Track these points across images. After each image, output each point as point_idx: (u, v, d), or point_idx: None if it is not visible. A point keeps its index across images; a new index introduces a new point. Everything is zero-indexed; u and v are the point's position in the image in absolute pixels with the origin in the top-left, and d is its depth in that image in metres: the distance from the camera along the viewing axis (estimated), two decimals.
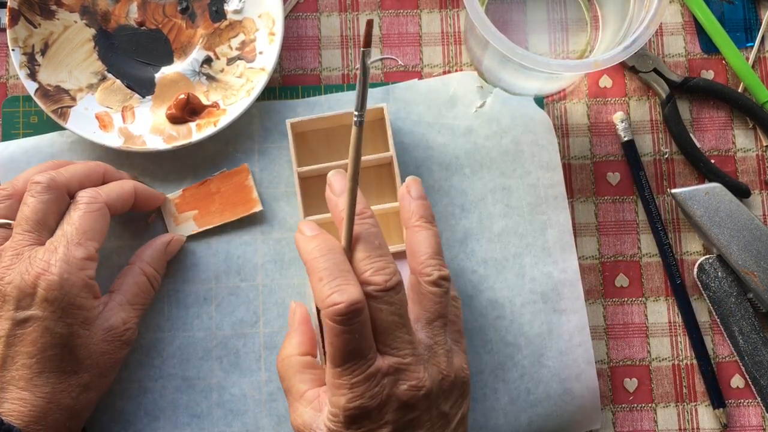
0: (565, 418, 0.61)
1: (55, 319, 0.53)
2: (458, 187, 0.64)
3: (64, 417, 0.53)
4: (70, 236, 0.54)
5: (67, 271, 0.53)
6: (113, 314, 0.56)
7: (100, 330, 0.55)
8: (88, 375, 0.54)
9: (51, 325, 0.52)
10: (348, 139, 0.63)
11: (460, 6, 0.67)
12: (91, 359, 0.54)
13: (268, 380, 0.61)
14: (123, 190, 0.58)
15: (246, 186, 0.63)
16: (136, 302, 0.58)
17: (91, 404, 0.56)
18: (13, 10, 0.62)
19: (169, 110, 0.63)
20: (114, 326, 0.56)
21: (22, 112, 0.65)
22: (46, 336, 0.52)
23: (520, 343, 0.62)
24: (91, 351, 0.54)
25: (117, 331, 0.56)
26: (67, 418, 0.53)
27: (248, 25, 0.64)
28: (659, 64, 0.66)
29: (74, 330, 0.53)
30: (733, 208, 0.63)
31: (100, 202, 0.56)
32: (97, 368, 0.55)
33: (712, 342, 0.64)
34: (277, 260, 0.63)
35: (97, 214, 0.55)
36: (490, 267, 0.63)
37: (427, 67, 0.66)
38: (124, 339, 0.56)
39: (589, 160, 0.66)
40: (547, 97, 0.66)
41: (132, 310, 0.57)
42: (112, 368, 0.56)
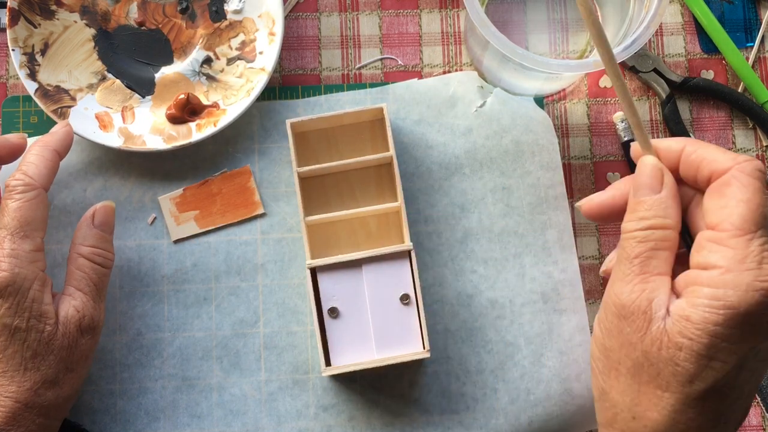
0: (565, 418, 0.61)
1: (11, 315, 0.52)
2: (458, 186, 0.64)
3: (34, 415, 0.52)
4: (14, 229, 0.52)
5: (18, 266, 0.52)
6: (64, 304, 0.54)
7: (57, 323, 0.53)
8: (52, 371, 0.53)
9: (8, 322, 0.52)
10: (348, 141, 0.63)
11: (460, 6, 0.67)
12: (54, 354, 0.53)
13: (268, 380, 0.61)
14: (46, 159, 0.56)
15: (248, 188, 0.63)
16: (84, 287, 0.56)
17: (64, 401, 0.54)
18: (13, 10, 0.62)
19: (169, 110, 0.63)
20: (68, 316, 0.54)
21: (22, 112, 0.65)
22: (4, 333, 0.52)
23: (520, 343, 0.62)
24: (52, 346, 0.53)
25: (72, 320, 0.54)
26: (38, 415, 0.52)
27: (248, 25, 0.64)
28: (659, 64, 0.66)
29: (32, 325, 0.52)
30: None
31: (36, 188, 0.54)
32: (61, 363, 0.53)
33: None
34: (277, 260, 0.63)
35: (35, 202, 0.53)
36: (490, 267, 0.63)
37: (427, 67, 0.66)
38: (83, 327, 0.54)
39: (589, 160, 0.66)
40: (547, 97, 0.66)
41: (83, 296, 0.55)
42: (80, 361, 0.55)
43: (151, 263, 0.62)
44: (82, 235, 0.57)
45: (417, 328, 0.58)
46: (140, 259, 0.62)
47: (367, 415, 0.61)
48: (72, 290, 0.55)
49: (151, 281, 0.62)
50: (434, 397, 0.61)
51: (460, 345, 0.62)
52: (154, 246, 0.63)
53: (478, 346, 0.62)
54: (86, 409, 0.61)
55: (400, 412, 0.61)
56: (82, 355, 0.55)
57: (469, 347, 0.62)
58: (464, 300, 0.62)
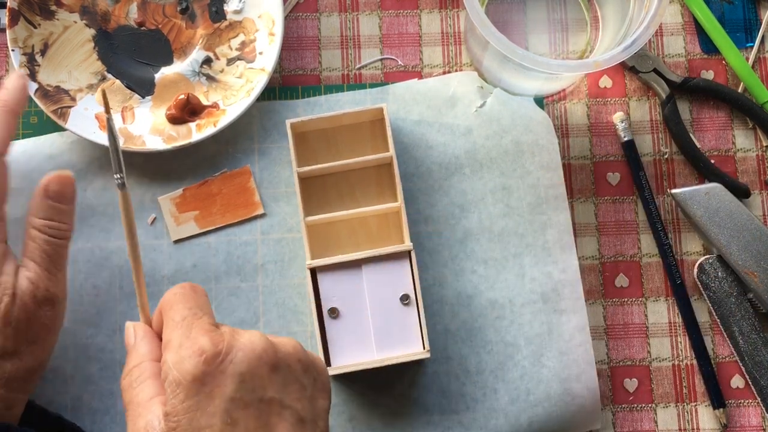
0: (565, 418, 0.61)
1: None
2: (458, 187, 0.64)
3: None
4: None
5: None
6: (20, 276, 0.53)
7: (15, 296, 0.53)
8: (10, 342, 0.52)
9: None
10: (348, 141, 0.63)
11: (460, 6, 0.67)
12: (11, 326, 0.52)
13: None
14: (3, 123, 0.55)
15: (248, 188, 0.63)
16: (37, 258, 0.54)
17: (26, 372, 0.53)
18: (13, 10, 0.62)
19: (169, 110, 0.63)
20: (23, 288, 0.53)
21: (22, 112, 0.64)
22: None
23: (520, 343, 0.62)
24: (9, 317, 0.52)
25: (27, 291, 0.53)
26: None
27: (248, 25, 0.64)
28: (659, 65, 0.66)
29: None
30: (733, 208, 0.63)
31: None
32: (20, 334, 0.53)
33: (712, 342, 0.64)
34: (278, 260, 0.63)
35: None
36: (490, 267, 0.63)
37: (427, 67, 0.66)
38: (38, 299, 0.53)
39: (589, 160, 0.66)
40: (547, 98, 0.66)
41: (37, 267, 0.54)
42: (41, 333, 0.54)
43: (151, 263, 0.62)
44: (35, 206, 0.56)
45: (417, 328, 0.58)
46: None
47: (367, 415, 0.61)
48: (26, 261, 0.55)
49: (151, 281, 0.62)
50: (434, 397, 0.61)
51: (460, 345, 0.62)
52: (154, 246, 0.63)
53: (478, 347, 0.62)
54: (86, 409, 0.61)
55: (400, 412, 0.61)
56: (43, 327, 0.54)
57: (469, 347, 0.62)
58: (464, 300, 0.62)
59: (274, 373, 0.45)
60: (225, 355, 0.44)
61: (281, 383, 0.45)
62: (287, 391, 0.45)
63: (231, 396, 0.43)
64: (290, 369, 0.46)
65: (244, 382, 0.44)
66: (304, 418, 0.45)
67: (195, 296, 0.48)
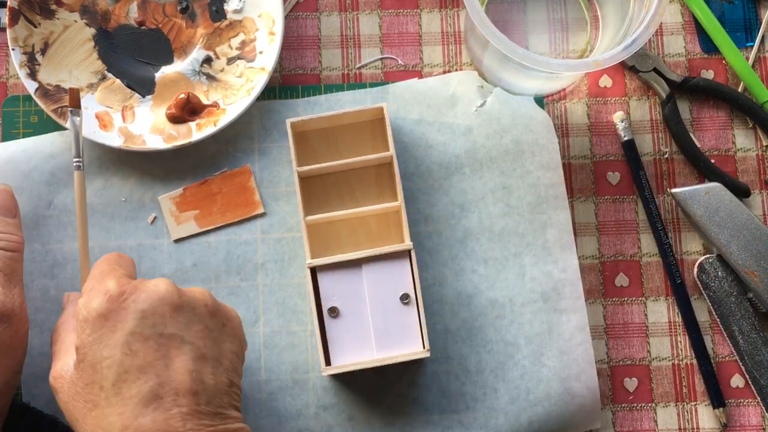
0: (565, 417, 0.61)
1: None
2: (458, 186, 0.64)
3: None
4: None
5: None
6: None
7: None
8: None
9: None
10: (348, 140, 0.64)
11: (460, 6, 0.67)
12: None
13: (267, 380, 0.61)
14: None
15: (248, 187, 0.63)
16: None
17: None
18: (13, 9, 0.62)
19: (169, 110, 0.63)
20: None
21: (22, 112, 0.65)
22: None
23: (520, 342, 0.62)
24: None
25: None
26: None
27: (248, 24, 0.64)
28: (659, 64, 0.66)
29: None
30: (733, 207, 0.63)
31: None
32: None
33: (712, 342, 0.64)
34: (278, 260, 0.63)
35: None
36: (490, 266, 0.63)
37: (427, 66, 0.66)
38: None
39: (589, 159, 0.66)
40: (547, 97, 0.66)
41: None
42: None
43: (152, 263, 0.62)
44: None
45: (417, 328, 0.58)
46: (140, 258, 0.62)
47: (367, 415, 0.61)
48: None
49: None
50: (434, 396, 0.61)
51: (460, 345, 0.62)
52: (154, 246, 0.63)
53: (478, 346, 0.62)
54: None
55: (400, 412, 0.61)
56: (2, 343, 0.52)
57: (469, 347, 0.62)
58: (464, 300, 0.62)
59: (176, 312, 0.49)
60: (129, 295, 0.49)
61: (183, 322, 0.49)
62: (189, 329, 0.49)
63: (131, 330, 0.48)
64: (194, 311, 0.50)
65: (145, 319, 0.48)
66: (206, 354, 0.49)
67: (118, 259, 0.53)
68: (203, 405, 0.47)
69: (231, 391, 0.50)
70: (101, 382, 0.47)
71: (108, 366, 0.47)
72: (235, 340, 0.52)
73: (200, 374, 0.48)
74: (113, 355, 0.47)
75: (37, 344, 0.60)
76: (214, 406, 0.48)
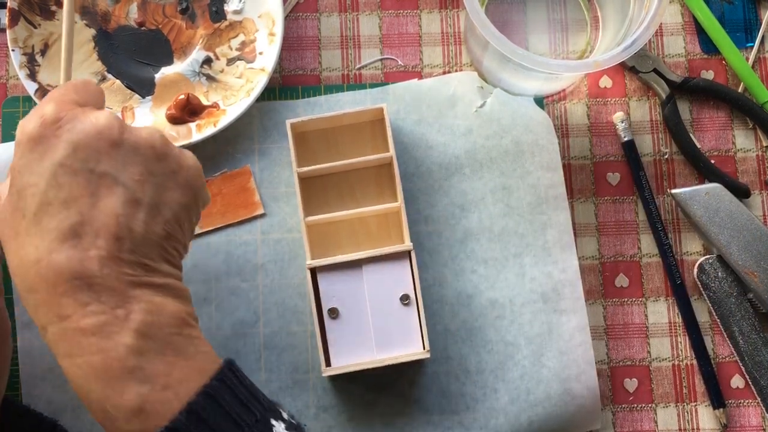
0: (565, 418, 0.61)
1: None
2: (458, 187, 0.64)
3: None
4: None
5: None
6: None
7: None
8: None
9: None
10: (348, 141, 0.64)
11: (460, 6, 0.67)
12: None
13: (268, 380, 0.61)
14: None
15: (248, 188, 0.63)
16: None
17: None
18: (13, 10, 0.62)
19: (169, 111, 0.63)
20: None
21: (22, 113, 0.65)
22: None
23: (520, 343, 0.62)
24: None
25: None
26: None
27: (248, 25, 0.64)
28: (659, 65, 0.66)
29: None
30: (733, 208, 0.63)
31: None
32: None
33: (712, 342, 0.64)
34: (278, 260, 0.63)
35: None
36: (490, 267, 0.63)
37: (427, 67, 0.66)
38: None
39: (589, 160, 0.66)
40: (547, 98, 0.66)
41: None
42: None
43: None
44: None
45: (417, 328, 0.58)
46: None
47: (367, 415, 0.61)
48: None
49: None
50: (434, 397, 0.61)
51: (460, 345, 0.62)
52: None
53: (478, 346, 0.62)
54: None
55: (400, 412, 0.61)
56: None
57: (469, 347, 0.62)
58: (464, 300, 0.62)
59: (113, 149, 0.45)
60: (65, 123, 0.45)
61: (120, 161, 0.45)
62: (126, 170, 0.45)
63: (59, 161, 0.44)
64: (137, 151, 0.46)
65: (76, 151, 0.44)
66: (140, 199, 0.45)
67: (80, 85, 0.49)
68: (125, 252, 0.44)
69: (166, 245, 0.46)
70: (24, 210, 0.44)
71: (32, 194, 0.44)
72: (187, 191, 0.47)
73: (128, 219, 0.44)
74: (38, 183, 0.44)
75: (37, 345, 0.60)
76: (138, 255, 0.44)
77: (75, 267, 0.43)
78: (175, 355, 0.43)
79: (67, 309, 0.42)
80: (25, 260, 0.43)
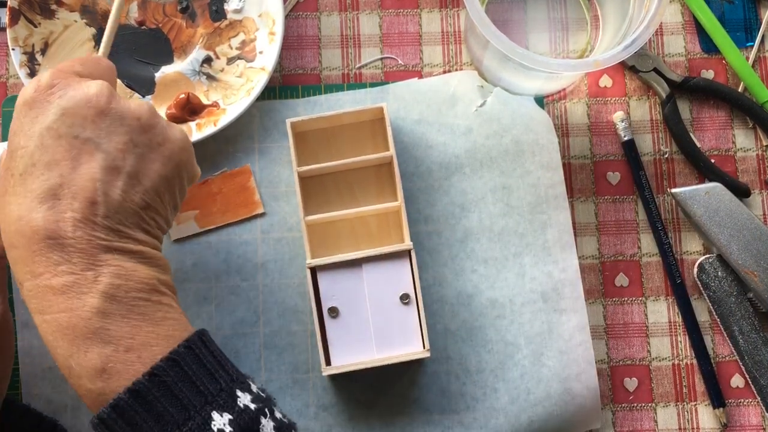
0: (565, 417, 0.61)
1: None
2: (458, 186, 0.64)
3: None
4: None
5: None
6: None
7: None
8: None
9: None
10: (348, 140, 0.64)
11: (460, 5, 0.67)
12: None
13: (268, 380, 0.61)
14: None
15: (248, 187, 0.63)
16: None
17: None
18: (13, 9, 0.62)
19: (169, 110, 0.63)
20: None
21: None
22: None
23: (520, 342, 0.62)
24: None
25: None
26: None
27: (248, 24, 0.64)
28: (659, 64, 0.66)
29: None
30: (733, 207, 0.63)
31: None
32: None
33: (712, 342, 0.64)
34: (278, 260, 0.63)
35: None
36: (491, 266, 0.63)
37: (428, 66, 0.66)
38: None
39: (589, 159, 0.66)
40: (548, 97, 0.66)
41: None
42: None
43: None
44: None
45: (417, 328, 0.58)
46: None
47: (367, 415, 0.61)
48: None
49: None
50: (434, 396, 0.61)
51: (460, 344, 0.62)
52: None
53: (478, 346, 0.62)
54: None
55: (400, 412, 0.61)
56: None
57: (469, 347, 0.62)
58: (464, 300, 0.62)
59: (99, 117, 0.46)
60: (57, 90, 0.46)
61: (105, 129, 0.46)
62: (110, 138, 0.46)
63: (48, 125, 0.46)
64: (122, 121, 0.47)
65: (64, 117, 0.46)
66: (120, 168, 0.46)
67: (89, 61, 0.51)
68: (100, 217, 0.45)
69: (144, 214, 0.47)
70: (13, 169, 0.46)
71: (21, 156, 0.46)
72: (169, 163, 0.49)
73: (106, 185, 0.46)
74: (27, 145, 0.46)
75: (36, 344, 0.60)
76: (113, 221, 0.46)
77: (50, 227, 0.44)
78: (140, 320, 0.45)
79: (39, 267, 0.44)
80: (9, 217, 0.45)
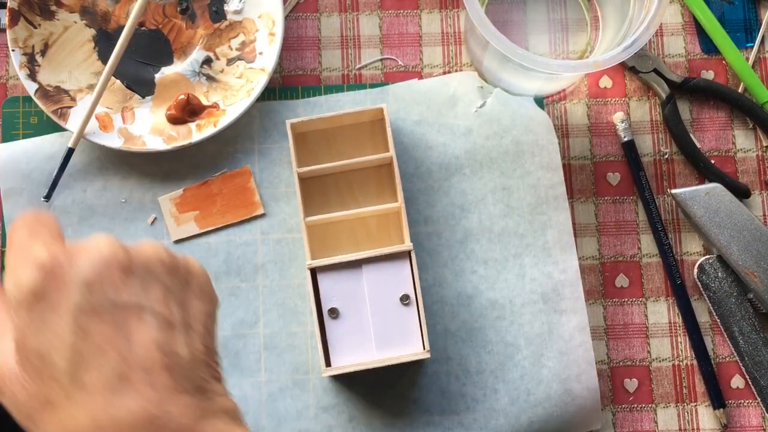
0: (565, 418, 0.61)
1: None
2: (458, 187, 0.64)
3: None
4: None
5: None
6: None
7: None
8: None
9: None
10: (348, 141, 0.64)
11: (460, 6, 0.67)
12: None
13: (268, 381, 0.61)
14: None
15: (248, 188, 0.63)
16: None
17: None
18: (13, 10, 0.62)
19: (169, 111, 0.63)
20: None
21: (22, 113, 0.65)
22: None
23: (520, 343, 0.62)
24: None
25: None
26: None
27: (248, 25, 0.64)
28: (659, 65, 0.66)
29: None
30: (733, 208, 0.63)
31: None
32: None
33: (712, 342, 0.64)
34: (277, 261, 0.63)
35: None
36: (491, 267, 0.63)
37: (427, 67, 0.66)
38: None
39: (589, 160, 0.66)
40: (547, 98, 0.66)
41: None
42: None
43: None
44: None
45: (417, 329, 0.58)
46: None
47: (367, 416, 0.61)
48: None
49: None
50: (434, 397, 0.61)
51: (460, 345, 0.62)
52: None
53: (478, 347, 0.62)
54: None
55: (400, 413, 0.61)
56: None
57: (469, 347, 0.62)
58: (464, 300, 0.62)
59: (127, 276, 0.40)
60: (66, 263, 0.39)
61: (139, 286, 0.40)
62: (147, 294, 0.40)
63: (78, 305, 0.38)
64: (149, 271, 0.41)
65: (92, 288, 0.39)
66: (172, 321, 0.40)
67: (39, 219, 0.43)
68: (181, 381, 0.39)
69: (209, 360, 0.42)
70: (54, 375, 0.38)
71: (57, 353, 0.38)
72: (204, 297, 0.43)
73: (171, 345, 0.40)
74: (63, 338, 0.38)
75: None
76: (194, 381, 0.40)
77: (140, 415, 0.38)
78: None
79: None
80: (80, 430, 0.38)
